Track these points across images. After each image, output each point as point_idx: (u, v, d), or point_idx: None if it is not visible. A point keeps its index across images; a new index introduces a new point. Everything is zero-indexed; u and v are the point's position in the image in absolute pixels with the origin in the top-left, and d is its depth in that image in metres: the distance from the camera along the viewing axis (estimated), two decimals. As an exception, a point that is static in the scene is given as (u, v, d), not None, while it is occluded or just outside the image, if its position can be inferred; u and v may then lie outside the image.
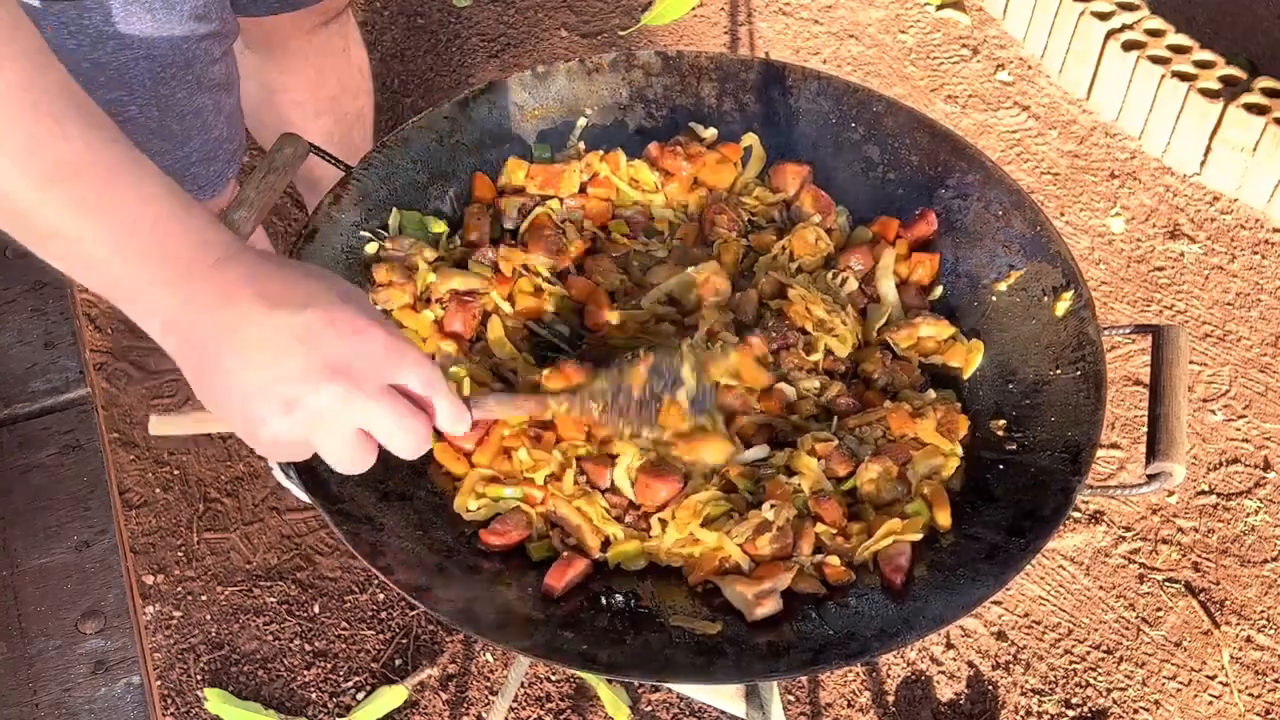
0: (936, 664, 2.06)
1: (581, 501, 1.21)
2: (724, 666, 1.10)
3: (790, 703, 2.01)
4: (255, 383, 0.87)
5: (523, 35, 3.08)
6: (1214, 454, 2.33)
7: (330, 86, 2.05)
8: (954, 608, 1.12)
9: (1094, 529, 2.22)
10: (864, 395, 1.34)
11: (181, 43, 1.41)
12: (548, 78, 1.52)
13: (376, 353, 0.90)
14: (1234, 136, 2.66)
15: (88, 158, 0.83)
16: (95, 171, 0.83)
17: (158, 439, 2.26)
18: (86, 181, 0.82)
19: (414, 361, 0.92)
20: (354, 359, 0.89)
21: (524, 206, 1.46)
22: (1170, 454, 1.16)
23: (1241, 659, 2.08)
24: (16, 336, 0.99)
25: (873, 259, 1.42)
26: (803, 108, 1.51)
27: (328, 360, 0.88)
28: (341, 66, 2.06)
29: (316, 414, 0.88)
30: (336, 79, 2.06)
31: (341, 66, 2.06)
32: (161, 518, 2.19)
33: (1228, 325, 2.53)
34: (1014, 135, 2.87)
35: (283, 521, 2.19)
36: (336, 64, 2.04)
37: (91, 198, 0.82)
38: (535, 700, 1.99)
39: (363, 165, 1.42)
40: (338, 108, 2.09)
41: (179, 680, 2.01)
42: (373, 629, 2.07)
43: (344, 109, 2.11)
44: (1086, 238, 2.67)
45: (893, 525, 1.19)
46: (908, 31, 3.11)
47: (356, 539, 1.13)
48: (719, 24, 3.11)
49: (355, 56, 2.09)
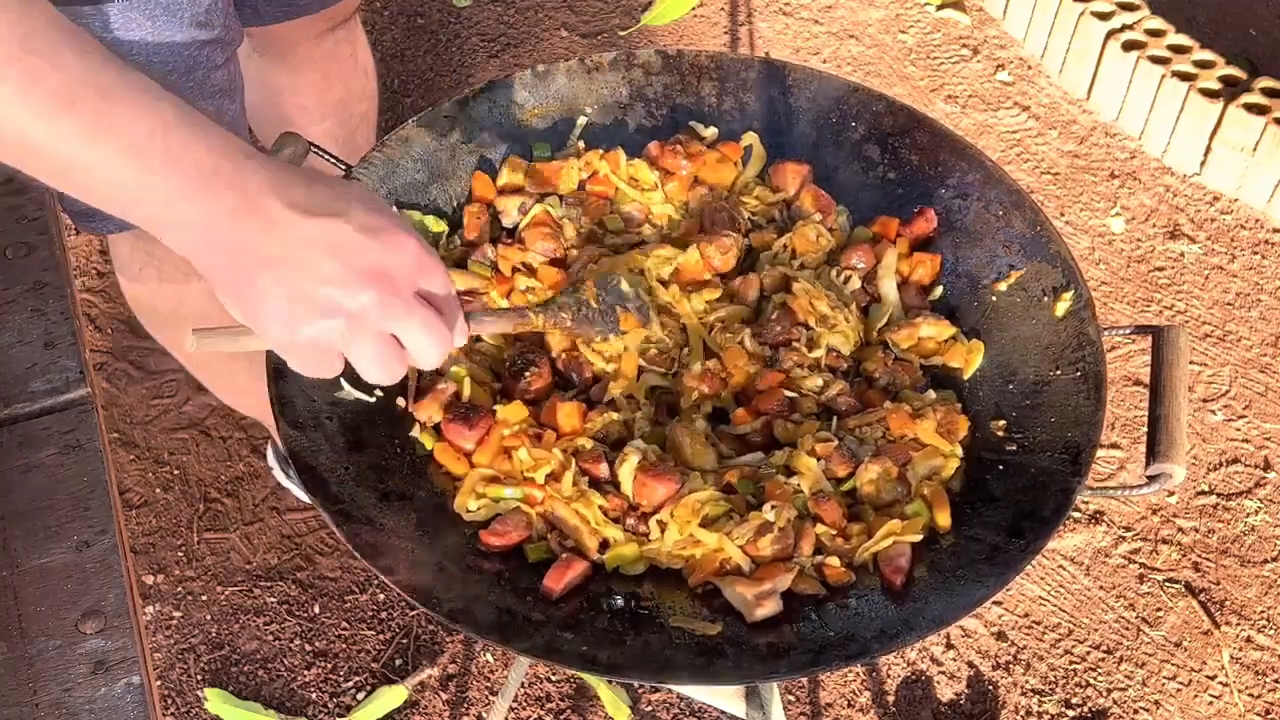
0: (936, 664, 2.06)
1: (579, 504, 1.21)
2: (724, 667, 1.09)
3: (790, 703, 2.01)
4: (295, 286, 0.89)
5: (523, 35, 3.07)
6: (1214, 454, 2.33)
7: (336, 91, 2.05)
8: (954, 609, 1.12)
9: (1094, 529, 2.22)
10: (865, 394, 1.34)
11: (182, 49, 1.41)
12: (548, 77, 1.52)
13: (409, 261, 0.93)
14: (1234, 136, 2.66)
15: (86, 81, 0.82)
16: (94, 95, 0.82)
17: (158, 438, 2.26)
18: (89, 105, 0.82)
19: (440, 270, 0.96)
20: (390, 265, 0.91)
21: (523, 205, 1.46)
22: (1170, 454, 1.16)
23: (1241, 659, 2.08)
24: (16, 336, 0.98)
25: (874, 257, 1.42)
26: (803, 107, 1.51)
27: (365, 266, 0.90)
28: (348, 71, 2.05)
29: (356, 316, 0.91)
30: (343, 84, 2.05)
31: (348, 71, 2.05)
32: (161, 518, 2.19)
33: (1228, 325, 2.53)
34: (1014, 135, 2.87)
35: (283, 521, 2.19)
36: (343, 69, 2.04)
37: (96, 122, 0.82)
38: (535, 700, 1.99)
39: (363, 165, 1.42)
40: (343, 111, 2.09)
41: (179, 680, 2.01)
42: (373, 629, 2.07)
43: (349, 112, 2.11)
44: (1086, 238, 2.67)
45: (893, 526, 1.19)
46: (908, 31, 3.11)
47: (356, 539, 1.13)
48: (719, 24, 3.11)
49: (362, 60, 2.09)
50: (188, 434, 2.29)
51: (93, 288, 2.48)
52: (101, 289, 2.48)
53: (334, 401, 1.26)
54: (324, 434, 1.22)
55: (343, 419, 1.25)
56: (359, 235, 0.90)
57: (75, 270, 2.49)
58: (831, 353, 1.35)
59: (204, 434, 2.29)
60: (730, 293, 1.41)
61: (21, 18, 0.81)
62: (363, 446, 1.24)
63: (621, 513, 1.22)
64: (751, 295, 1.40)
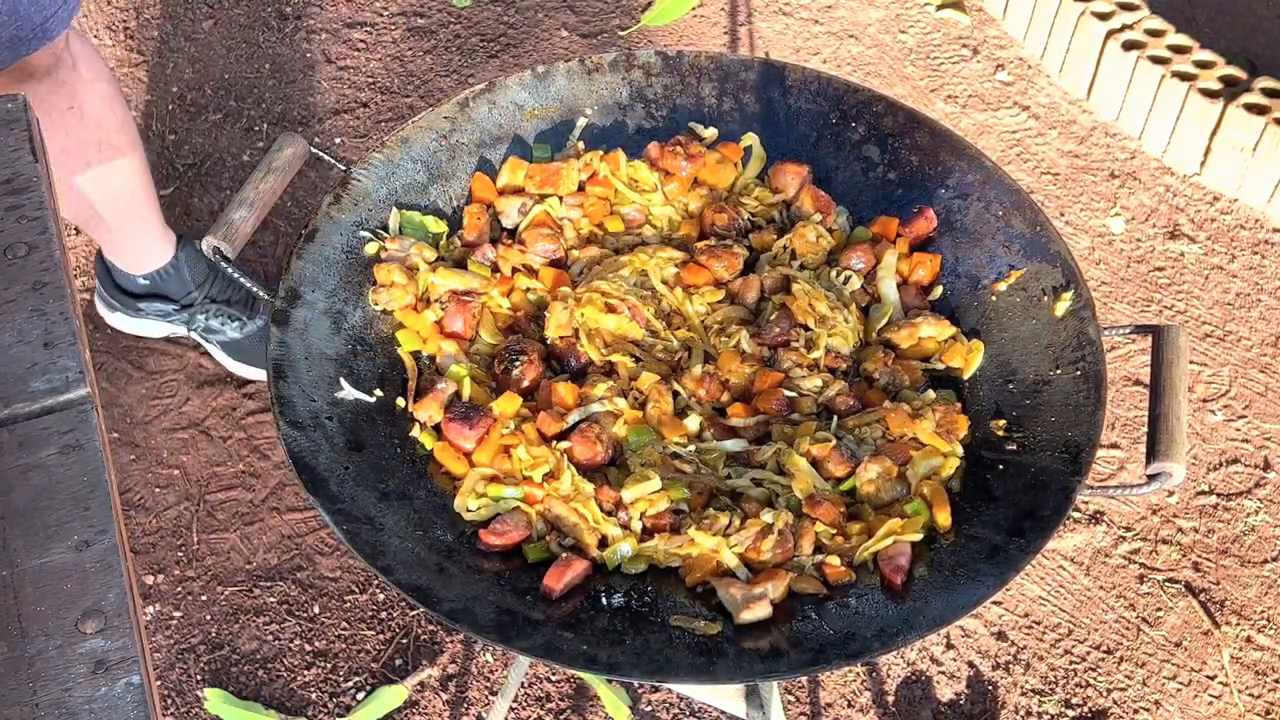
0: (936, 664, 2.06)
1: (578, 501, 1.21)
2: (724, 666, 1.10)
3: (790, 703, 2.01)
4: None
5: (523, 35, 3.07)
6: (1214, 454, 2.33)
7: (57, 144, 1.93)
8: (954, 608, 1.12)
9: (1094, 529, 2.22)
10: (865, 394, 1.34)
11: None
12: (548, 78, 1.52)
13: None
14: (1234, 136, 2.66)
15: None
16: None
17: (158, 438, 2.26)
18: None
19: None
20: None
21: (523, 206, 1.46)
22: (1170, 454, 1.16)
23: (1241, 659, 2.08)
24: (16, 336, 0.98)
25: (874, 257, 1.42)
26: (803, 108, 1.51)
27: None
28: (66, 122, 1.91)
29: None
30: (65, 134, 1.92)
31: (66, 122, 1.91)
32: (161, 518, 2.19)
33: (1228, 325, 2.53)
34: (1014, 135, 2.87)
35: (283, 521, 2.19)
36: (59, 121, 1.90)
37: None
38: (535, 700, 1.99)
39: (363, 166, 1.42)
40: (73, 159, 1.96)
41: (179, 680, 2.01)
42: (373, 629, 2.07)
43: (84, 160, 1.97)
44: (1086, 238, 2.67)
45: (893, 525, 1.19)
46: (908, 31, 3.11)
47: (356, 539, 1.13)
48: (719, 24, 3.11)
49: (91, 110, 1.94)
50: (188, 434, 2.29)
51: (93, 288, 2.48)
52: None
53: (334, 401, 1.26)
54: (324, 434, 1.22)
55: (343, 419, 1.26)
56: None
57: (75, 270, 2.49)
58: (830, 353, 1.35)
59: (204, 434, 2.29)
60: (730, 294, 1.42)
61: None
62: (363, 446, 1.24)
63: (614, 505, 1.23)
64: (751, 297, 1.41)
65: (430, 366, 1.36)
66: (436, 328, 1.37)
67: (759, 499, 1.25)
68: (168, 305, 2.30)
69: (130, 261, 2.25)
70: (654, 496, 1.21)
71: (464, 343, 1.37)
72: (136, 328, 2.36)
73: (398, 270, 1.37)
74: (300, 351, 1.27)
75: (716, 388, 1.32)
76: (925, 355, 1.37)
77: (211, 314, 2.30)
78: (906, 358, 1.37)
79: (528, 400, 1.31)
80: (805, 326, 1.35)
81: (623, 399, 1.30)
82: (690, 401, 1.32)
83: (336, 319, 1.33)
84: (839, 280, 1.41)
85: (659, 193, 1.49)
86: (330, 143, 2.79)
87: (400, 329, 1.36)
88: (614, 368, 1.34)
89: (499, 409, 1.27)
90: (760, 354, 1.35)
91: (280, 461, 2.26)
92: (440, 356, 1.36)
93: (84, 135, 1.95)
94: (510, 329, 1.39)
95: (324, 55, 2.98)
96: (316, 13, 3.08)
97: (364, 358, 1.33)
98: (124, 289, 2.30)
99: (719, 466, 1.27)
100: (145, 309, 2.31)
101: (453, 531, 1.21)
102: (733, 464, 1.28)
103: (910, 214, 1.44)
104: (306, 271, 1.33)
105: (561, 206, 1.47)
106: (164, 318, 2.32)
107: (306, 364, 1.27)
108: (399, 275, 1.37)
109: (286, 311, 1.29)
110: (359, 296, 1.37)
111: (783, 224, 1.49)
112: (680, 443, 1.27)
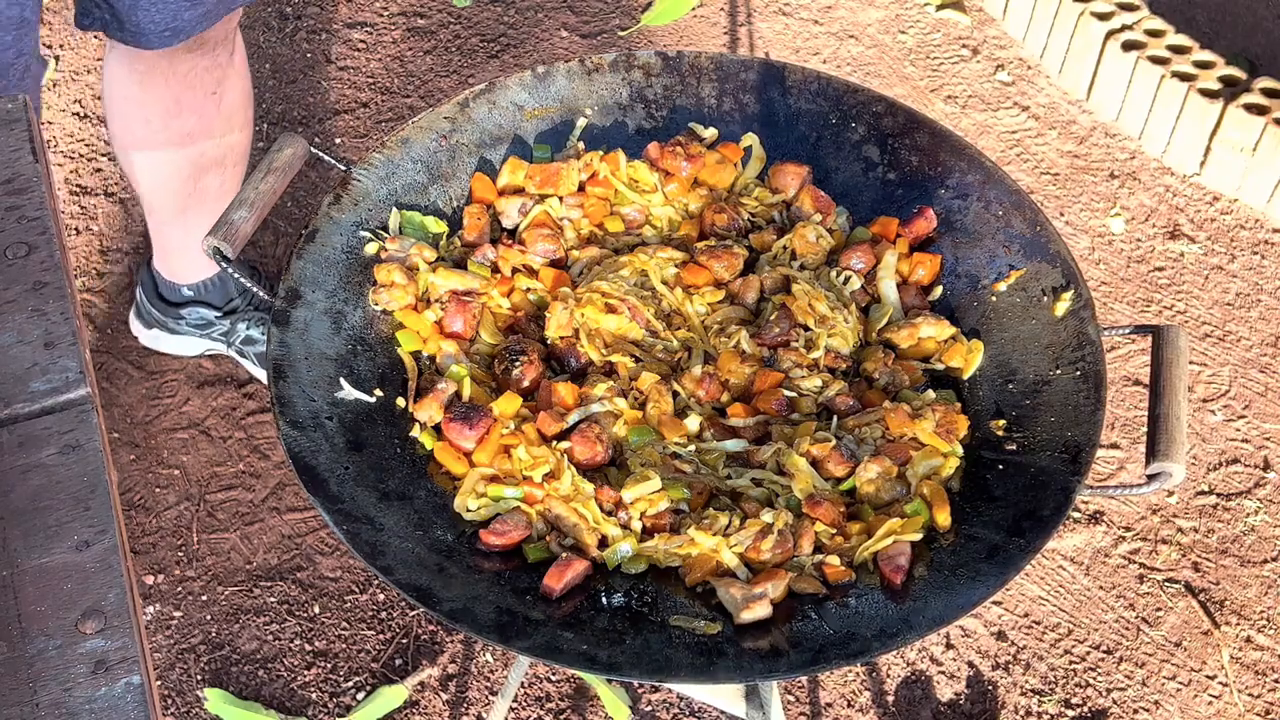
0: (936, 664, 2.06)
1: (578, 501, 1.21)
2: (724, 666, 1.10)
3: (790, 703, 2.01)
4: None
5: (523, 35, 3.08)
6: (1214, 454, 2.33)
7: (186, 122, 1.93)
8: (954, 608, 1.12)
9: (1094, 529, 2.22)
10: (865, 394, 1.34)
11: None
12: (548, 78, 1.52)
13: None
14: (1234, 137, 2.66)
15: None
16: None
17: (158, 438, 2.26)
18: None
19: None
20: None
21: (523, 206, 1.46)
22: (1170, 454, 1.16)
23: (1241, 659, 2.08)
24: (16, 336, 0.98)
25: (874, 258, 1.42)
26: (803, 108, 1.51)
27: None
28: (204, 106, 1.93)
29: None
30: (197, 118, 1.93)
31: (204, 106, 1.93)
32: (161, 518, 2.19)
33: (1228, 325, 2.53)
34: (1014, 135, 2.87)
35: (283, 521, 2.19)
36: (199, 102, 1.92)
37: None
38: (535, 700, 1.99)
39: (363, 166, 1.42)
40: (190, 144, 1.96)
41: (179, 680, 2.01)
42: (373, 629, 2.07)
43: (199, 149, 1.98)
44: (1086, 238, 2.67)
45: (892, 525, 1.19)
46: (908, 32, 3.11)
47: (356, 539, 1.13)
48: (719, 24, 3.11)
49: (228, 102, 1.95)
50: (188, 434, 2.29)
51: (93, 288, 2.48)
52: (101, 289, 2.48)
53: (334, 401, 1.26)
54: (324, 434, 1.22)
55: (343, 419, 1.26)
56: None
57: (75, 270, 2.49)
58: (830, 353, 1.35)
59: (204, 434, 2.29)
60: (730, 294, 1.42)
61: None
62: (363, 446, 1.24)
63: (613, 505, 1.23)
64: (751, 297, 1.41)
65: (430, 366, 1.36)
66: (436, 328, 1.37)
67: (759, 499, 1.25)
68: (210, 312, 2.27)
69: (179, 269, 2.24)
70: (654, 496, 1.21)
71: (464, 343, 1.37)
72: (173, 345, 2.33)
73: (398, 270, 1.37)
74: (300, 351, 1.27)
75: (716, 388, 1.32)
76: (925, 355, 1.37)
77: (254, 322, 2.27)
78: (906, 358, 1.37)
79: (528, 400, 1.31)
80: (805, 326, 1.35)
81: (623, 399, 1.30)
82: (690, 402, 1.32)
83: (337, 319, 1.33)
84: (839, 280, 1.41)
85: (659, 193, 1.49)
86: (330, 143, 2.79)
87: (400, 329, 1.36)
88: (614, 368, 1.34)
89: (499, 409, 1.27)
90: (760, 354, 1.35)
91: (280, 461, 2.26)
92: (440, 356, 1.36)
93: (213, 125, 1.97)
94: (510, 329, 1.39)
95: (324, 55, 2.98)
96: (316, 13, 3.08)
97: (364, 358, 1.33)
98: (166, 299, 2.28)
99: (719, 466, 1.27)
100: (186, 316, 2.28)
101: (453, 531, 1.21)
102: (732, 464, 1.28)
103: (910, 214, 1.44)
104: (307, 271, 1.33)
105: (561, 207, 1.47)
106: (203, 329, 2.29)
107: (306, 364, 1.27)
108: (399, 275, 1.37)
109: (286, 311, 1.29)
110: (359, 297, 1.37)
111: (783, 224, 1.49)
112: (680, 443, 1.27)
